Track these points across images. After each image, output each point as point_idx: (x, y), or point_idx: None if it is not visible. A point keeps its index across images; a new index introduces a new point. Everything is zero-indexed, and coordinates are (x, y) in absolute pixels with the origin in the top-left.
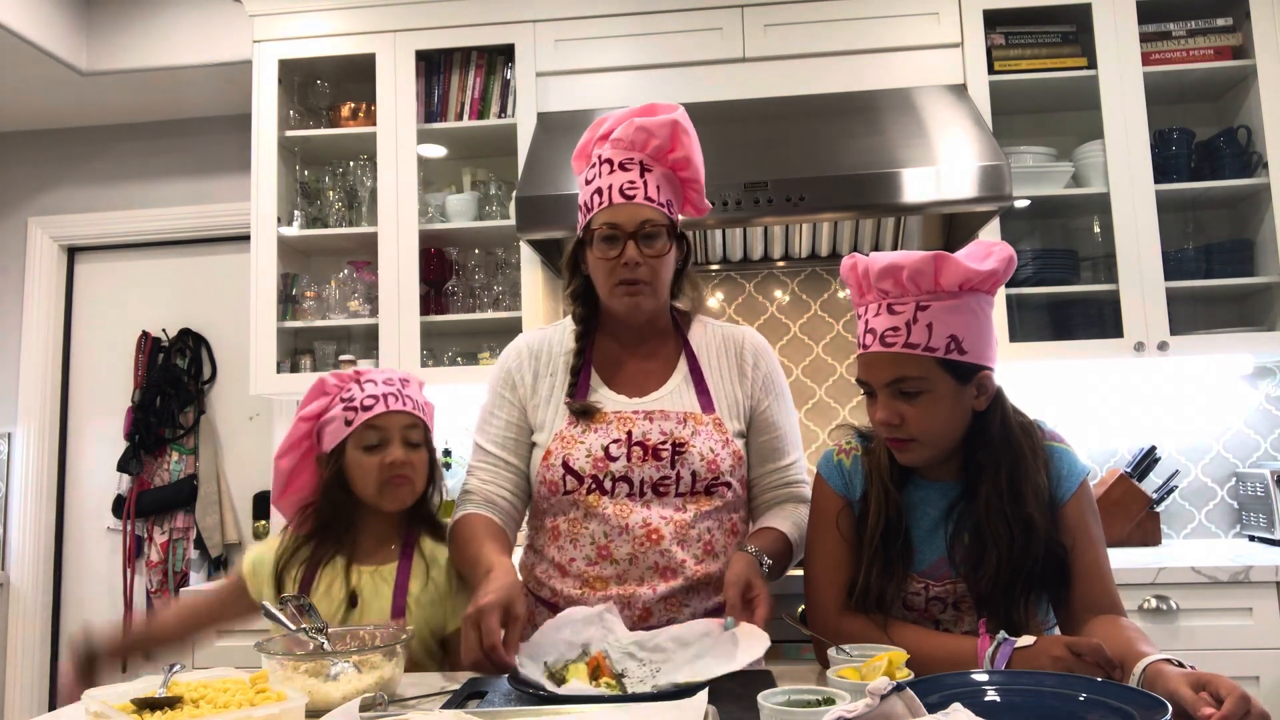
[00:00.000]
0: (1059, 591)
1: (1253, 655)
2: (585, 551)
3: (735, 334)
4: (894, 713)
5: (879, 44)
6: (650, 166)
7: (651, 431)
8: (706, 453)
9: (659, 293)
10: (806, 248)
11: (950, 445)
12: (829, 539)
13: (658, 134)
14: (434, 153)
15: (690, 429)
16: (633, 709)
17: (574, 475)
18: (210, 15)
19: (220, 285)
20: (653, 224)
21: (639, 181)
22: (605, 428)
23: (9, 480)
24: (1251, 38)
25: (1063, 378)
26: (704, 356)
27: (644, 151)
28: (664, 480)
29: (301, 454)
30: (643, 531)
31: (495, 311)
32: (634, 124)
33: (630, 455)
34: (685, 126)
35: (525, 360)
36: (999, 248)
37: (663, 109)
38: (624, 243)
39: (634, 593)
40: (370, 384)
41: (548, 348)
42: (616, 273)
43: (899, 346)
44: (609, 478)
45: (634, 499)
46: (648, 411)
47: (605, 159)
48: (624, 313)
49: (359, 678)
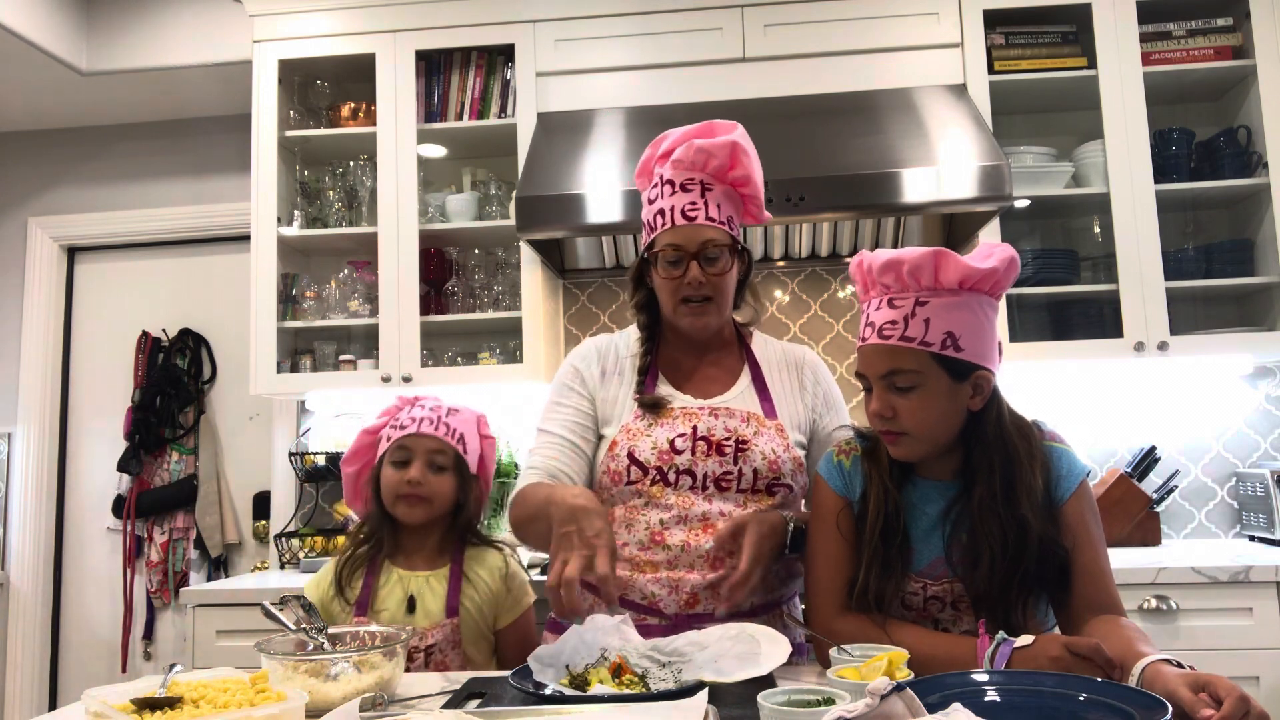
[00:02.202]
0: (1058, 592)
1: (1253, 655)
2: (639, 536)
3: (794, 351)
4: (894, 713)
5: (879, 44)
6: (711, 185)
7: (716, 428)
8: (769, 453)
9: (723, 309)
10: (806, 248)
11: (943, 442)
12: (829, 539)
13: (717, 155)
14: (434, 153)
15: (754, 429)
16: (633, 709)
17: (639, 466)
18: (210, 15)
19: (220, 285)
20: (714, 244)
21: (700, 202)
22: (671, 422)
23: (9, 480)
24: (1251, 38)
25: (1063, 378)
26: (766, 368)
27: (704, 171)
28: (726, 475)
29: (363, 463)
30: (700, 523)
31: (495, 311)
32: (693, 145)
33: (695, 449)
34: (745, 147)
35: (593, 358)
36: (1001, 249)
37: (721, 129)
38: (687, 263)
39: (683, 577)
40: (419, 408)
41: (614, 350)
42: (680, 291)
43: (895, 339)
44: (673, 470)
45: (696, 492)
46: (714, 409)
47: (667, 180)
48: (689, 330)
49: (359, 678)
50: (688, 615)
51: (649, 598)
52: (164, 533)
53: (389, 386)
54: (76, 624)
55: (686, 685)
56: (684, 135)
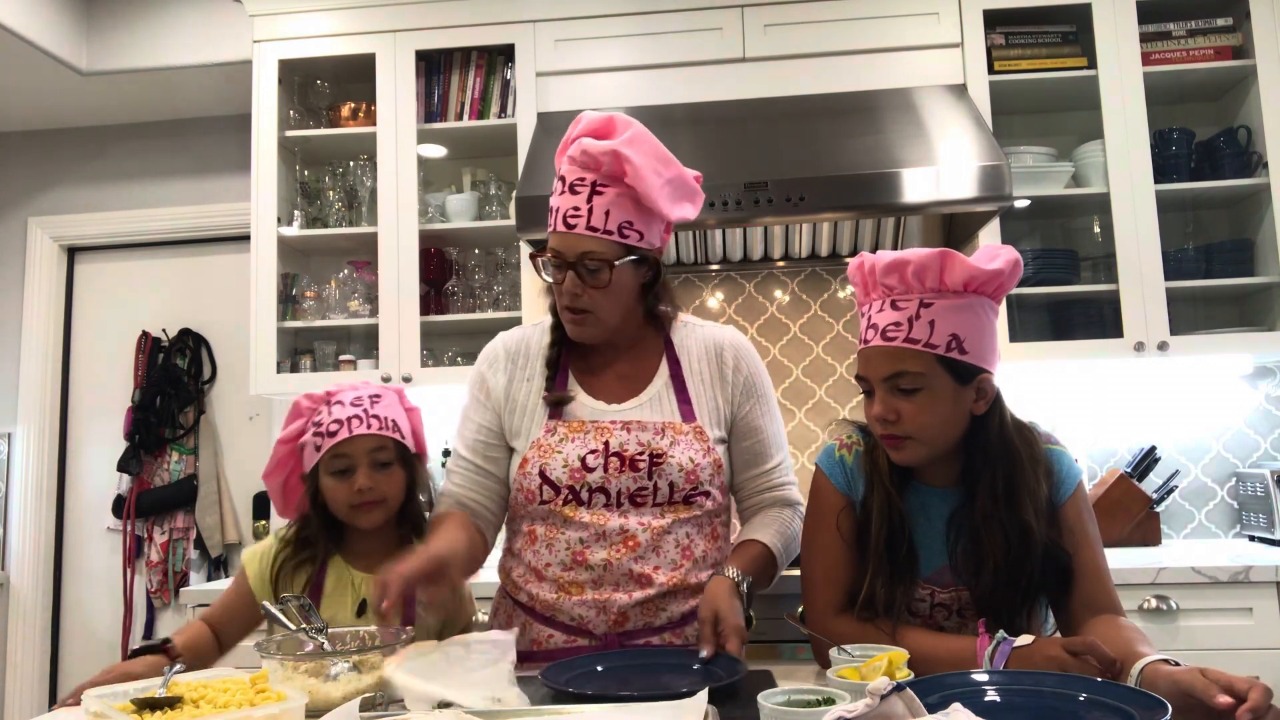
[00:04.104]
0: (1059, 595)
1: (1253, 655)
2: (560, 557)
3: (716, 336)
4: (894, 713)
5: (879, 44)
6: (604, 188)
7: (629, 442)
8: (685, 463)
9: (603, 321)
10: (806, 248)
11: (945, 446)
12: (827, 539)
13: (603, 160)
14: (434, 153)
15: (669, 439)
16: (633, 709)
17: (551, 485)
18: (210, 15)
19: (220, 285)
20: (593, 256)
21: (583, 208)
22: (583, 437)
23: (9, 480)
24: (1251, 38)
25: (1063, 378)
26: (686, 361)
27: (597, 172)
28: (641, 491)
29: (288, 472)
30: (619, 538)
31: (495, 311)
32: (580, 145)
33: (607, 466)
34: (629, 155)
35: (501, 364)
36: (1006, 251)
37: (615, 129)
38: (565, 271)
39: (609, 598)
40: (339, 406)
41: (525, 349)
42: (562, 297)
43: (900, 341)
44: (585, 488)
45: (611, 509)
46: (625, 422)
47: (561, 174)
48: (571, 336)
49: (359, 678)
50: (618, 635)
51: (577, 619)
52: (164, 533)
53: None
54: (76, 624)
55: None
56: (585, 128)
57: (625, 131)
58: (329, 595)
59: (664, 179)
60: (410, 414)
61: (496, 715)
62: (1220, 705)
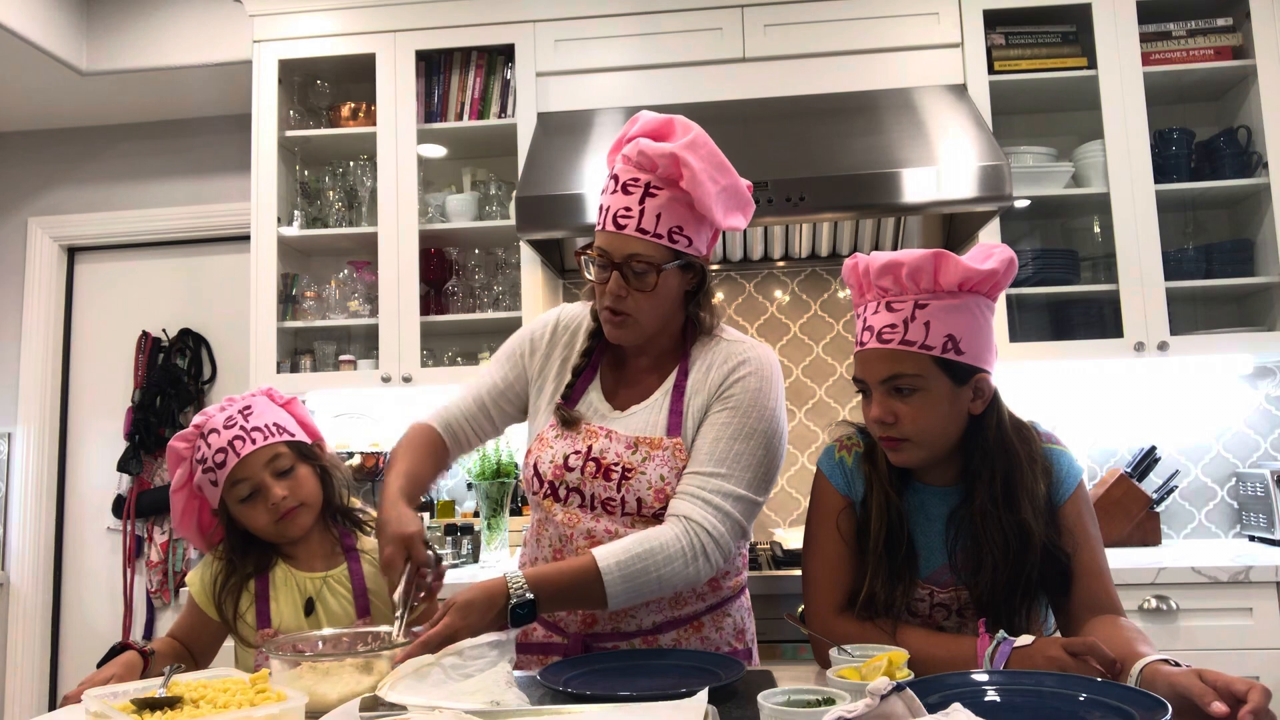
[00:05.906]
0: (1058, 595)
1: (1253, 655)
2: (545, 553)
3: (736, 351)
4: (894, 713)
5: (879, 44)
6: (657, 190)
7: (609, 451)
8: (656, 480)
9: (644, 325)
10: (806, 248)
11: (944, 447)
12: (828, 539)
13: (660, 162)
14: (434, 153)
15: (643, 455)
16: (633, 709)
17: (538, 477)
18: (210, 15)
19: (220, 285)
20: (641, 259)
21: (635, 209)
22: (574, 437)
23: (9, 480)
24: (1251, 38)
25: (1063, 378)
26: (696, 373)
27: (652, 173)
28: (610, 500)
29: (196, 514)
30: (586, 542)
31: (495, 311)
32: (638, 145)
33: (585, 469)
34: (687, 159)
35: (546, 338)
36: (1000, 249)
37: (675, 132)
38: (611, 271)
39: None
40: (214, 435)
41: (575, 333)
42: (604, 298)
43: (896, 343)
44: (564, 486)
45: (584, 510)
46: (609, 429)
47: (614, 173)
48: (609, 338)
49: (359, 678)
50: (588, 634)
51: (552, 617)
52: (164, 533)
53: (389, 386)
54: (76, 624)
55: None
56: (642, 128)
57: (685, 135)
58: (275, 600)
59: (720, 186)
60: (288, 406)
61: (496, 715)
62: (1216, 713)
